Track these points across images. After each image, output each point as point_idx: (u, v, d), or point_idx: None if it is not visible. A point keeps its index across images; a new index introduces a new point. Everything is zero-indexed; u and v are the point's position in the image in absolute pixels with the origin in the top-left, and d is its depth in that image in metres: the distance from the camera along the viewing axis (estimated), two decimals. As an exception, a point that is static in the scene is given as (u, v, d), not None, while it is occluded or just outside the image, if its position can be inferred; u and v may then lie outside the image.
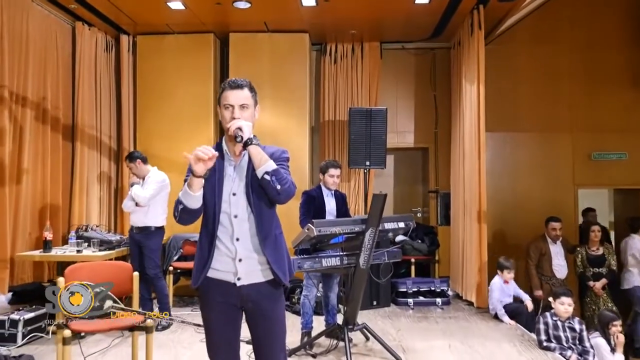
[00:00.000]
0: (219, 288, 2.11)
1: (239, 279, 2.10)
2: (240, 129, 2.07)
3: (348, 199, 5.58)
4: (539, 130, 6.93)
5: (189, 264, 5.87)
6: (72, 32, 5.97)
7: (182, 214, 2.08)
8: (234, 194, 2.12)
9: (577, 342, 4.10)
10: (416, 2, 5.41)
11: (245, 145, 2.07)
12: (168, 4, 5.44)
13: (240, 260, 2.10)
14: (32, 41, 5.20)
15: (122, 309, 3.26)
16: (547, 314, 4.22)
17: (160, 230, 5.00)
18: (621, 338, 4.23)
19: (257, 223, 2.10)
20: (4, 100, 4.78)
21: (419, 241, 6.47)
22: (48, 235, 4.73)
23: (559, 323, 4.14)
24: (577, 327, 4.13)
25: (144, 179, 4.92)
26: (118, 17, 5.89)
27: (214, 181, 2.11)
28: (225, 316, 2.12)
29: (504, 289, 5.15)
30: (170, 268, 5.67)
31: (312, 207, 4.35)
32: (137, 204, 4.77)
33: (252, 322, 2.15)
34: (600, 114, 6.87)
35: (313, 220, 3.66)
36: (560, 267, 5.68)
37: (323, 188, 4.45)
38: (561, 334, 4.09)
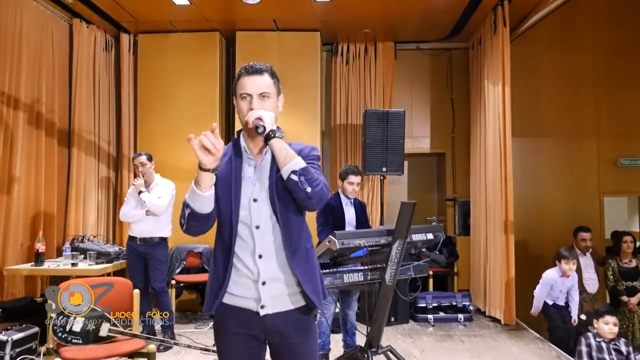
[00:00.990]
0: (238, 317, 1.72)
1: (262, 307, 1.70)
2: (260, 118, 1.70)
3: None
4: (563, 135, 6.57)
5: (192, 277, 5.52)
6: (69, 30, 5.63)
7: (190, 220, 1.68)
8: (254, 200, 1.74)
9: None
10: (437, -3, 5.08)
11: (267, 138, 1.68)
12: (172, -1, 5.10)
13: (263, 283, 1.70)
14: (26, 38, 4.85)
15: (122, 333, 2.89)
16: (590, 334, 3.82)
17: (165, 241, 4.66)
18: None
19: (284, 235, 1.71)
20: (-7, 100, 4.42)
21: (437, 252, 6.08)
22: (40, 247, 4.35)
23: (603, 345, 3.74)
24: (623, 349, 3.73)
25: (148, 185, 4.55)
26: (119, 14, 5.54)
27: (229, 184, 1.72)
28: (245, 350, 1.73)
29: (557, 283, 4.67)
30: (173, 282, 5.29)
31: (331, 216, 4.00)
32: (146, 213, 4.40)
33: (279, 358, 1.77)
34: (626, 118, 6.52)
35: (335, 232, 3.28)
36: (590, 280, 5.28)
37: (342, 196, 4.10)
38: (606, 356, 3.70)
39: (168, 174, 4.99)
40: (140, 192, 4.49)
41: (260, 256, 1.71)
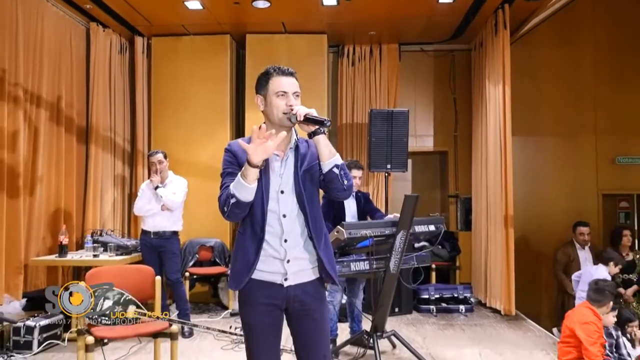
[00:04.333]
0: (264, 289, 1.97)
1: (286, 279, 1.96)
2: (310, 113, 1.92)
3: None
4: (562, 133, 6.77)
5: (205, 270, 5.75)
6: (86, 33, 5.88)
7: (234, 208, 1.92)
8: (282, 192, 1.99)
9: (615, 349, 3.92)
10: (440, 1, 5.29)
11: (316, 132, 1.91)
12: (185, 3, 5.33)
13: (288, 261, 1.96)
14: (47, 42, 5.09)
15: (146, 315, 3.12)
16: None
17: (177, 234, 4.90)
18: (639, 334, 4.06)
19: (308, 222, 1.97)
20: (18, 100, 4.66)
21: (439, 247, 6.30)
22: (64, 239, 4.60)
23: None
24: (613, 332, 3.94)
25: (163, 181, 4.79)
26: (133, 18, 5.79)
27: (259, 178, 1.95)
28: (269, 318, 1.98)
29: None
30: (187, 274, 5.52)
31: (332, 210, 4.19)
32: (162, 208, 4.64)
33: (297, 323, 2.02)
34: (625, 116, 6.71)
35: (343, 222, 3.51)
36: (588, 273, 5.48)
37: (345, 190, 4.30)
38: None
39: (181, 171, 5.23)
40: (156, 188, 4.73)
41: (286, 240, 1.96)
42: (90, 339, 2.94)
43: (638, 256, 5.58)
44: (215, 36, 6.23)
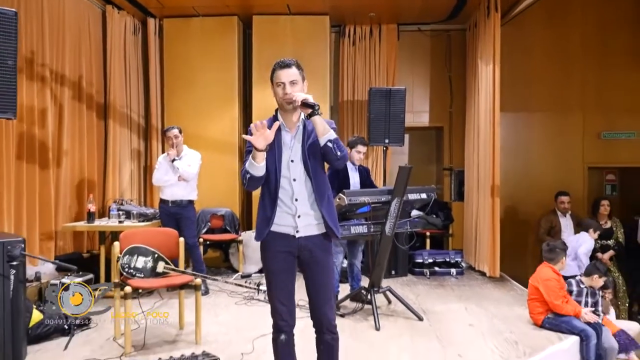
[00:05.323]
0: (281, 240, 2.45)
1: (297, 231, 2.44)
2: (306, 99, 2.36)
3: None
4: (551, 110, 7.17)
5: (216, 236, 6.23)
6: (102, 16, 6.24)
7: (250, 182, 2.41)
8: (292, 161, 2.44)
9: (593, 306, 4.36)
10: (435, -16, 5.63)
11: (312, 114, 2.34)
12: (196, -14, 5.68)
13: (299, 216, 2.43)
14: (68, 24, 5.47)
15: (173, 270, 3.61)
16: (573, 281, 4.38)
17: (193, 203, 5.34)
18: (608, 299, 4.65)
19: (313, 185, 2.43)
20: (45, 80, 5.08)
21: (434, 216, 6.73)
22: (91, 207, 5.06)
23: (584, 289, 4.30)
24: (597, 292, 4.38)
25: (178, 155, 5.22)
26: (146, 0, 6.14)
27: (274, 150, 2.42)
28: (285, 263, 2.46)
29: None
30: (200, 240, 6.00)
31: (337, 180, 4.63)
32: (178, 179, 5.08)
33: (307, 268, 2.49)
34: (610, 94, 7.09)
35: (344, 190, 3.96)
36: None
37: (348, 162, 4.75)
38: (583, 299, 4.30)
39: (193, 144, 5.65)
40: (173, 160, 5.17)
41: (296, 199, 2.44)
42: (128, 288, 3.42)
43: (615, 224, 6.04)
44: (224, 17, 6.60)
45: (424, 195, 4.35)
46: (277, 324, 2.49)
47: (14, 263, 2.57)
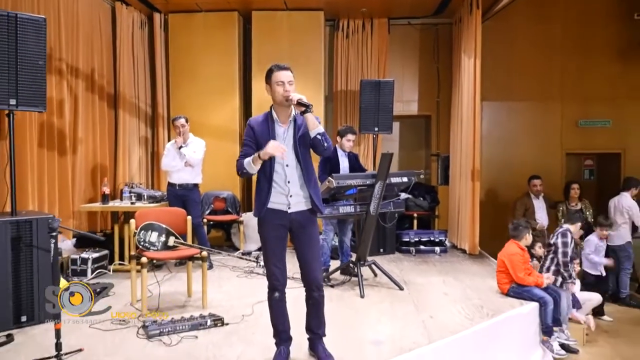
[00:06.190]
0: (276, 214, 2.96)
1: (289, 208, 2.96)
2: (301, 99, 2.85)
3: (358, 161, 6.39)
4: (532, 99, 7.67)
5: (219, 217, 6.76)
6: (111, 12, 6.68)
7: (244, 175, 2.99)
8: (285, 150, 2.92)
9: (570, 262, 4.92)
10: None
11: (305, 112, 2.82)
12: (199, -16, 6.12)
13: (291, 196, 2.95)
14: (81, 20, 5.92)
15: (182, 244, 4.13)
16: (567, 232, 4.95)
17: (197, 186, 5.84)
18: (577, 268, 5.21)
19: (303, 170, 2.94)
20: (62, 73, 5.55)
21: (421, 199, 7.29)
22: (106, 190, 5.58)
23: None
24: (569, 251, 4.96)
25: (185, 142, 5.71)
26: (152, -4, 6.60)
27: (268, 140, 2.89)
28: (279, 233, 2.99)
29: (598, 247, 5.88)
30: (204, 220, 6.52)
31: (328, 165, 5.15)
32: (185, 164, 5.57)
33: (297, 238, 3.02)
34: (588, 84, 7.58)
35: (332, 174, 4.47)
36: (542, 219, 6.52)
37: (338, 149, 5.25)
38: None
39: (197, 132, 6.12)
40: (180, 147, 5.66)
41: (289, 182, 2.95)
42: (144, 259, 3.94)
43: (584, 205, 6.57)
44: (225, 13, 7.05)
45: (405, 179, 4.86)
46: (272, 284, 3.01)
47: (54, 234, 3.03)
